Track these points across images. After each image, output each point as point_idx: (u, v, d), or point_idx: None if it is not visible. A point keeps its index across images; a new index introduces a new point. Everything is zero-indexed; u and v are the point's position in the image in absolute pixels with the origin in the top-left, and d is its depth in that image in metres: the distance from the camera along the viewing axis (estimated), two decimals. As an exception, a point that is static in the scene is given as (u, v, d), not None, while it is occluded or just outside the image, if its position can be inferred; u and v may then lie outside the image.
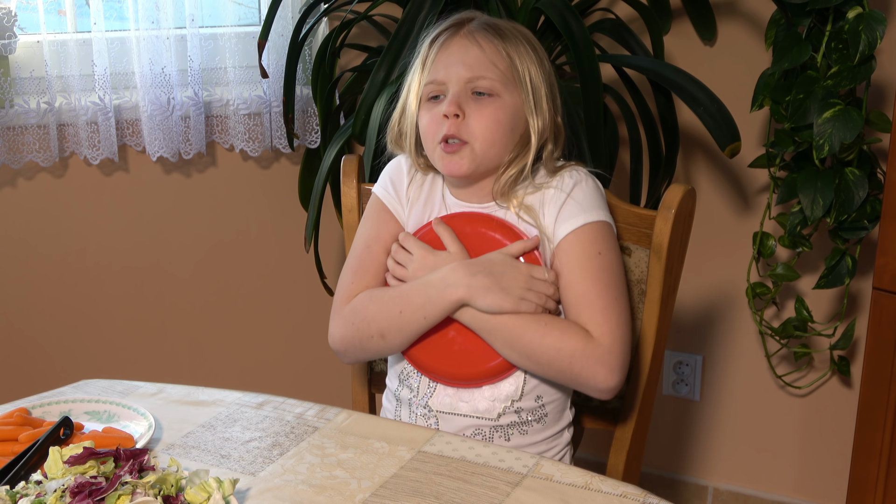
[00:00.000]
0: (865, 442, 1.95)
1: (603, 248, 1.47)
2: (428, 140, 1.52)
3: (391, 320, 1.49)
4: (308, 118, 2.41)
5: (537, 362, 1.45)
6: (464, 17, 1.54)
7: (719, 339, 2.49)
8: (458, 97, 1.47)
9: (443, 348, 1.50)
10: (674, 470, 2.61)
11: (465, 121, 1.47)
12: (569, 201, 1.49)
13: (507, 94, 1.48)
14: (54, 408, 1.41)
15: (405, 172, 1.60)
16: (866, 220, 2.06)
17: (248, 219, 2.53)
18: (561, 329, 1.44)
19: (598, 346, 1.42)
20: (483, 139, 1.47)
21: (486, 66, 1.48)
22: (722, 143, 1.92)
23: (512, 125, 1.49)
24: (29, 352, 2.49)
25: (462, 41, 1.50)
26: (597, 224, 1.48)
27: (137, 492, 1.12)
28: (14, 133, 2.29)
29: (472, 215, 1.54)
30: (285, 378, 2.62)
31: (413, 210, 1.58)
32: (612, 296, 1.45)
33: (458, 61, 1.48)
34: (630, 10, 2.24)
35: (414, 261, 1.52)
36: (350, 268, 1.57)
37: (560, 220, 1.49)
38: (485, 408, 1.50)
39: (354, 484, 1.25)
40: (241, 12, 2.44)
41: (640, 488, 1.25)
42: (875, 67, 1.95)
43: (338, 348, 1.56)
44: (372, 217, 1.60)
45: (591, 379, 1.43)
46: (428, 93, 1.51)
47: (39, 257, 2.45)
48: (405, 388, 1.55)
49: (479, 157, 1.48)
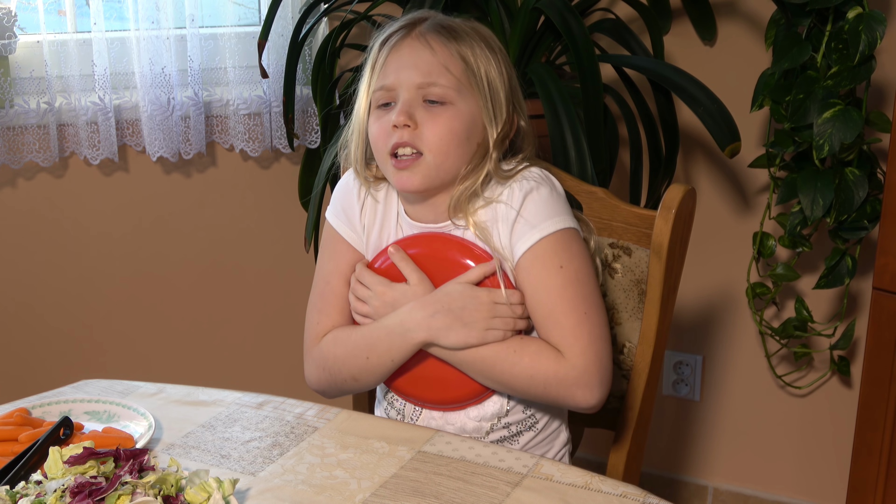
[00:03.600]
0: (865, 442, 1.95)
1: (564, 260, 1.39)
2: (378, 151, 1.43)
3: (360, 366, 1.46)
4: (308, 118, 2.41)
5: (514, 390, 1.42)
6: (416, 18, 1.44)
7: (719, 339, 2.49)
8: (409, 105, 1.38)
9: (421, 376, 1.47)
10: (674, 470, 2.60)
11: (418, 130, 1.38)
12: (519, 219, 1.39)
13: (462, 102, 1.39)
14: (54, 408, 1.41)
15: (355, 195, 1.50)
16: (866, 220, 2.06)
17: (248, 219, 2.53)
18: (532, 355, 1.38)
19: (572, 369, 1.36)
20: (437, 150, 1.38)
21: (439, 71, 1.38)
22: (722, 143, 1.92)
23: (467, 134, 1.40)
24: (29, 352, 2.49)
25: (413, 43, 1.41)
26: (554, 235, 1.39)
27: (137, 492, 1.12)
28: (14, 133, 2.29)
29: (429, 236, 1.46)
30: (285, 378, 2.61)
31: (370, 234, 1.51)
32: (580, 311, 1.38)
33: (409, 65, 1.39)
34: (630, 10, 2.24)
35: (374, 297, 1.46)
36: (314, 307, 1.52)
37: (514, 238, 1.40)
38: (473, 427, 1.48)
39: (354, 484, 1.25)
40: (241, 12, 2.44)
41: (640, 488, 1.25)
42: (875, 67, 1.95)
43: (316, 389, 1.54)
44: (328, 248, 1.53)
45: (571, 400, 1.38)
46: (377, 99, 1.42)
47: (39, 257, 2.45)
48: (393, 410, 1.54)
49: (432, 171, 1.40)
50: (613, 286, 1.61)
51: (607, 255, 1.62)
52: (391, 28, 1.45)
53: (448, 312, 1.40)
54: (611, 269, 1.61)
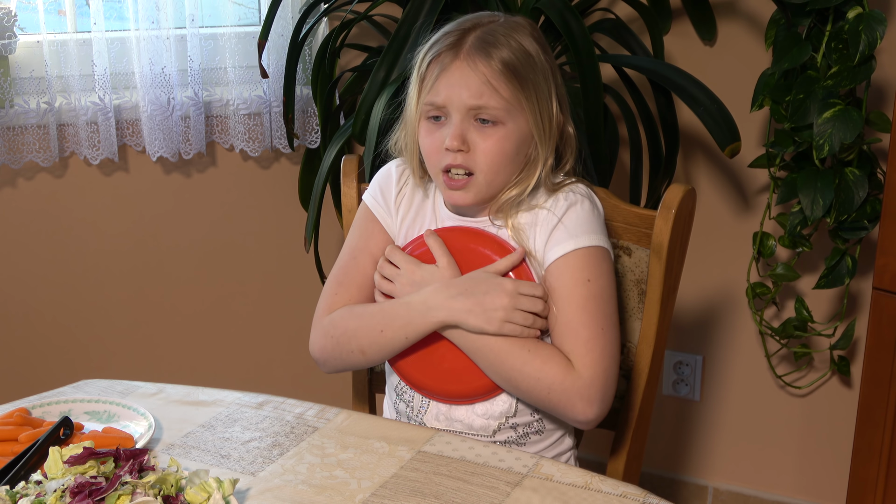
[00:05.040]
0: (865, 442, 1.95)
1: (593, 275, 1.42)
2: (430, 164, 1.47)
3: (372, 338, 1.47)
4: (308, 118, 2.41)
5: (517, 388, 1.43)
6: (463, 29, 1.44)
7: (719, 339, 2.49)
8: (461, 128, 1.41)
9: (433, 365, 1.48)
10: (674, 470, 2.60)
11: (470, 153, 1.42)
12: (559, 226, 1.44)
13: (512, 121, 1.42)
14: (54, 408, 1.41)
15: (395, 181, 1.55)
16: (866, 220, 2.06)
17: (248, 219, 2.53)
18: (543, 358, 1.40)
19: (578, 379, 1.39)
20: (488, 171, 1.43)
21: (489, 94, 1.40)
22: (722, 143, 1.92)
23: (517, 151, 1.44)
24: (29, 352, 2.49)
25: (461, 66, 1.41)
26: (588, 249, 1.43)
27: (137, 492, 1.12)
28: (14, 133, 2.29)
29: (464, 230, 1.50)
30: (285, 378, 2.61)
31: (404, 221, 1.54)
32: (598, 326, 1.41)
33: (460, 84, 1.41)
34: (630, 10, 2.24)
35: (402, 275, 1.48)
36: (335, 278, 1.54)
37: (550, 244, 1.44)
38: (480, 425, 1.48)
39: (354, 484, 1.25)
40: (241, 12, 2.44)
41: (640, 488, 1.25)
42: (875, 67, 1.95)
43: (317, 357, 1.55)
44: (360, 226, 1.56)
45: (570, 411, 1.40)
46: (427, 111, 1.45)
47: (39, 257, 2.45)
48: (402, 402, 1.54)
49: (483, 189, 1.44)
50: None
51: (607, 255, 1.61)
52: (439, 43, 1.44)
53: (471, 296, 1.42)
54: (611, 269, 1.62)
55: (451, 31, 1.45)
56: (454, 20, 1.49)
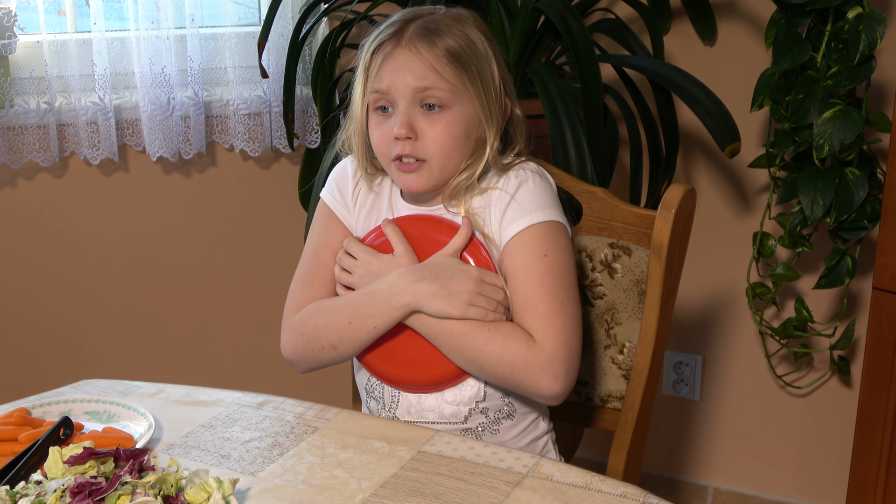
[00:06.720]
0: (865, 442, 1.95)
1: (549, 250, 1.43)
2: (381, 155, 1.47)
3: (341, 332, 1.47)
4: (308, 118, 2.41)
5: (481, 368, 1.44)
6: (405, 20, 1.46)
7: (719, 339, 2.49)
8: (409, 116, 1.42)
9: (397, 354, 1.49)
10: (674, 470, 2.61)
11: (419, 141, 1.43)
12: (512, 203, 1.45)
13: (459, 104, 1.43)
14: (54, 408, 1.41)
15: (350, 176, 1.56)
16: (866, 220, 2.06)
17: (249, 219, 2.53)
18: (504, 335, 1.41)
19: (541, 353, 1.39)
20: (440, 156, 1.43)
21: (434, 77, 1.41)
22: (722, 143, 1.92)
23: (466, 134, 1.45)
24: (29, 352, 2.49)
25: (404, 52, 1.43)
26: (543, 225, 1.44)
27: (137, 492, 1.12)
28: (14, 133, 2.29)
29: (420, 218, 1.51)
30: (285, 378, 2.61)
31: (361, 214, 1.55)
32: (557, 300, 1.41)
33: (404, 70, 1.42)
34: (630, 10, 2.24)
35: (359, 266, 1.49)
36: (299, 277, 1.55)
37: (505, 222, 1.45)
38: (451, 412, 1.49)
39: (354, 484, 1.25)
40: (241, 12, 2.44)
41: (640, 488, 1.25)
42: (875, 67, 1.95)
43: (290, 358, 1.55)
44: (319, 224, 1.56)
45: (535, 386, 1.40)
46: (374, 101, 1.46)
47: (39, 257, 2.45)
48: (372, 399, 1.54)
49: (436, 173, 1.45)
50: (613, 286, 1.62)
51: (607, 255, 1.62)
52: (381, 34, 1.46)
53: (435, 279, 1.43)
54: (611, 269, 1.62)
55: (393, 22, 1.47)
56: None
